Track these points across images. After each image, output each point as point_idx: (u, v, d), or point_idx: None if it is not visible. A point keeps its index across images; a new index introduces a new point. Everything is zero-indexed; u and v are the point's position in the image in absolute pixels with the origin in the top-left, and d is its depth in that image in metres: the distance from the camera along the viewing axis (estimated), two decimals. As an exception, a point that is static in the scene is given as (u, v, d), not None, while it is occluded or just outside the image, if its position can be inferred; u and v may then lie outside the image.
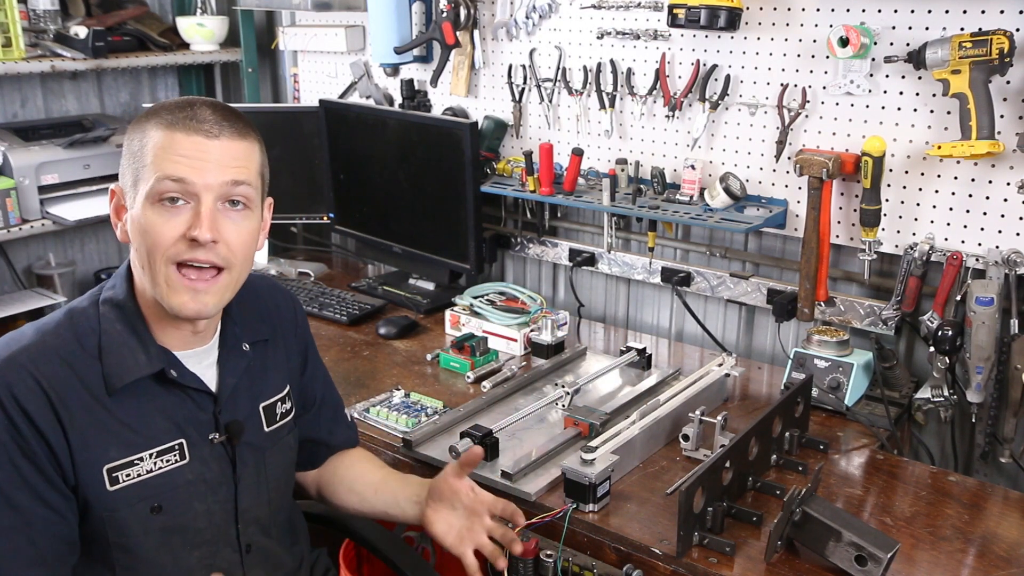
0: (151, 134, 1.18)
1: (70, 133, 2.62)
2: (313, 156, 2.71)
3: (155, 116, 1.19)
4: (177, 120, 1.17)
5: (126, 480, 1.19)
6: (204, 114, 1.18)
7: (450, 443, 1.65)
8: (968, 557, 1.41)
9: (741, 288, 2.18)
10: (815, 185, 1.91)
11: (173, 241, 1.16)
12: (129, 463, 1.20)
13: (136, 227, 1.19)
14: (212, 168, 1.17)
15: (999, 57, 1.66)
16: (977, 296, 1.74)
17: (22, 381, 1.13)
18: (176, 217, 1.17)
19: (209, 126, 1.18)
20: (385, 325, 2.31)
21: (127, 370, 1.20)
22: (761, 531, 1.45)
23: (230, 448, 1.30)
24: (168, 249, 1.17)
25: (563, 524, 1.48)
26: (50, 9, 2.62)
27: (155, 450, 1.22)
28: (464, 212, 2.35)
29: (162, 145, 1.16)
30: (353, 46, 2.77)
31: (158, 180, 1.16)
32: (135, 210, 1.18)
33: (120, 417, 1.19)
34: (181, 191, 1.16)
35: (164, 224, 1.16)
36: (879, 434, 1.78)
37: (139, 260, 1.21)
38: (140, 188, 1.18)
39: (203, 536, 1.28)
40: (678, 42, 2.14)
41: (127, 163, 1.21)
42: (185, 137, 1.16)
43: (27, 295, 2.64)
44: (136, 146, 1.19)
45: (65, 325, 1.21)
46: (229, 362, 1.32)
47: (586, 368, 2.09)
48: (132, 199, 1.19)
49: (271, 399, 1.39)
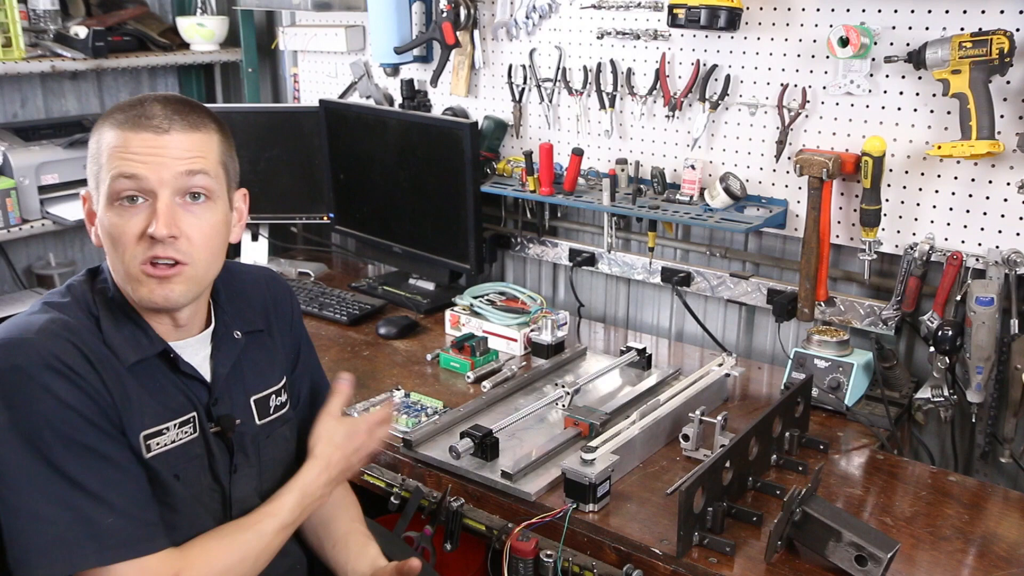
0: (105, 135, 1.18)
1: (70, 133, 2.62)
2: (313, 156, 2.71)
3: (109, 117, 1.20)
4: (128, 119, 1.18)
5: (156, 448, 1.21)
6: (154, 110, 1.18)
7: (450, 443, 1.65)
8: (968, 557, 1.41)
9: (741, 288, 2.18)
10: (815, 185, 1.91)
11: (135, 240, 1.17)
12: (159, 431, 1.21)
13: (102, 230, 1.20)
14: (165, 162, 1.17)
15: (999, 57, 1.66)
16: (977, 296, 1.74)
17: (65, 348, 1.13)
18: (136, 216, 1.17)
19: (159, 121, 1.18)
20: (385, 325, 2.31)
21: (131, 348, 1.21)
22: (761, 531, 1.45)
23: (227, 438, 1.31)
24: (132, 249, 1.18)
25: (563, 524, 1.48)
26: (50, 9, 2.63)
27: (176, 421, 1.24)
28: (464, 212, 2.35)
29: (115, 145, 1.17)
30: (353, 46, 2.77)
31: (113, 179, 1.16)
32: (99, 213, 1.20)
33: (138, 390, 1.20)
34: (137, 188, 1.17)
35: (125, 224, 1.17)
36: (879, 434, 1.78)
37: (110, 261, 1.23)
38: (101, 190, 1.19)
39: (197, 523, 1.28)
40: (678, 42, 2.14)
41: (89, 167, 1.21)
42: (135, 135, 1.17)
43: (27, 295, 2.64)
44: (94, 148, 1.20)
45: (70, 301, 1.22)
46: (220, 352, 1.33)
47: (586, 368, 2.09)
48: (96, 202, 1.21)
49: (264, 392, 1.39)
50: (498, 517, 1.58)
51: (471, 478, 1.62)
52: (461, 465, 1.63)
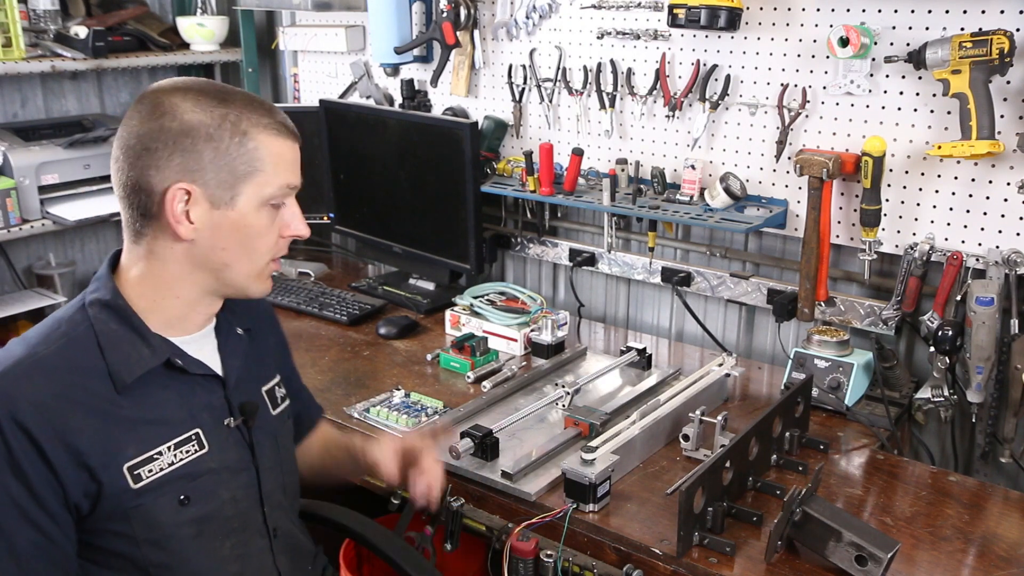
0: (259, 138, 1.19)
1: (70, 133, 2.62)
2: (313, 156, 2.70)
3: (255, 120, 1.19)
4: (279, 127, 1.22)
5: (149, 476, 1.18)
6: (283, 117, 1.24)
7: (450, 443, 1.65)
8: (968, 557, 1.41)
9: (741, 288, 2.18)
10: (815, 185, 1.91)
11: (276, 241, 1.26)
12: (149, 458, 1.19)
13: (231, 228, 1.20)
14: (299, 171, 1.27)
15: (999, 57, 1.66)
16: (977, 296, 1.74)
17: (18, 397, 1.11)
18: (275, 217, 1.24)
19: (292, 130, 1.25)
20: (385, 325, 2.31)
21: (134, 363, 1.19)
22: (761, 531, 1.45)
23: (247, 432, 1.31)
24: (271, 247, 1.25)
25: (563, 524, 1.48)
26: (50, 9, 2.63)
27: (172, 442, 1.21)
28: (464, 212, 2.35)
29: (278, 153, 1.21)
30: (353, 46, 2.77)
31: (281, 188, 1.22)
32: (233, 211, 1.19)
33: (133, 414, 1.18)
34: (288, 195, 1.26)
35: (272, 227, 1.24)
36: (879, 434, 1.78)
37: (221, 258, 1.22)
38: (246, 190, 1.19)
39: (232, 524, 1.28)
40: (678, 42, 2.14)
41: (212, 159, 1.17)
42: (293, 145, 1.24)
43: (27, 295, 2.64)
44: (227, 145, 1.17)
45: (56, 334, 1.19)
46: (228, 346, 1.33)
47: (586, 368, 2.09)
48: (224, 198, 1.18)
49: (270, 383, 1.41)
50: (498, 517, 1.58)
51: (471, 478, 1.62)
52: (461, 465, 1.63)
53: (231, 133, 1.17)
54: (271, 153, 1.20)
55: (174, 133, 1.16)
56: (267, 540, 1.34)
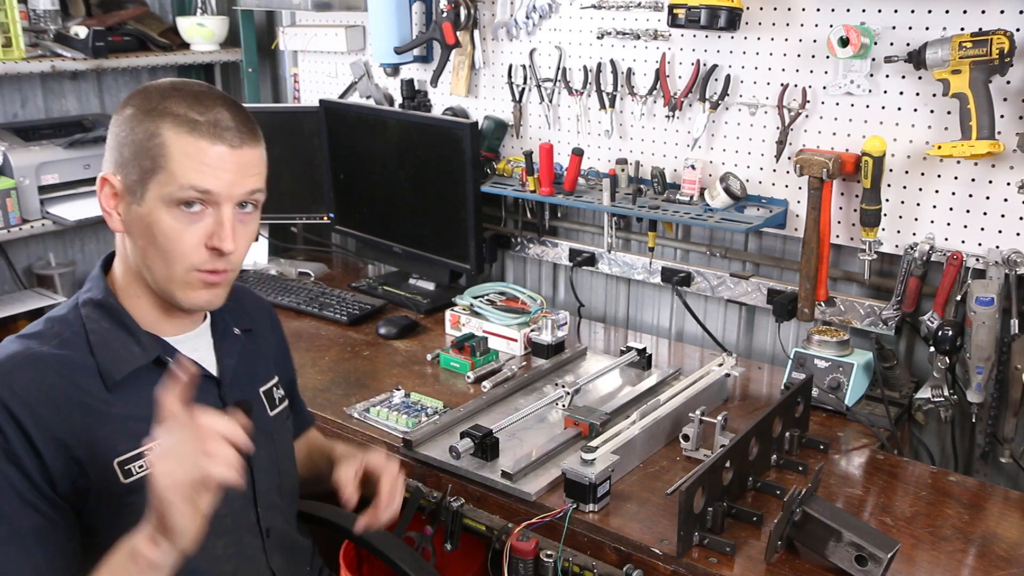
0: (168, 134, 1.15)
1: (70, 133, 2.62)
2: (313, 156, 2.71)
3: (168, 112, 1.15)
4: (199, 125, 1.15)
5: (139, 472, 1.18)
6: (226, 120, 1.17)
7: (450, 443, 1.65)
8: (968, 557, 1.41)
9: (741, 288, 2.18)
10: (815, 185, 1.91)
11: (194, 248, 1.17)
12: (139, 455, 1.18)
13: (143, 225, 1.17)
14: (235, 179, 1.17)
15: (999, 57, 1.66)
16: (977, 296, 1.74)
17: (11, 388, 1.12)
18: (195, 224, 1.17)
19: (232, 135, 1.17)
20: (385, 325, 2.31)
21: (123, 361, 1.19)
22: (761, 531, 1.45)
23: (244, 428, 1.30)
24: (190, 256, 1.17)
25: (563, 524, 1.48)
26: (50, 9, 2.62)
27: None
28: (464, 212, 2.35)
29: (186, 152, 1.14)
30: (353, 46, 2.77)
31: (182, 188, 1.15)
32: (142, 207, 1.17)
33: (123, 411, 1.18)
34: (204, 200, 1.17)
35: (184, 231, 1.16)
36: (879, 434, 1.78)
37: (143, 255, 1.19)
38: (151, 187, 1.16)
39: (224, 524, 1.27)
40: (678, 42, 2.14)
41: (129, 152, 1.17)
42: (210, 146, 1.15)
43: (27, 295, 2.64)
44: (142, 137, 1.16)
45: (48, 332, 1.20)
46: (224, 345, 1.33)
47: (586, 368, 2.09)
48: (137, 193, 1.17)
49: (268, 384, 1.41)
50: (498, 517, 1.58)
51: (471, 478, 1.62)
52: (461, 465, 1.63)
53: (146, 127, 1.16)
54: (178, 150, 1.14)
55: (115, 125, 1.19)
56: (259, 540, 1.34)
